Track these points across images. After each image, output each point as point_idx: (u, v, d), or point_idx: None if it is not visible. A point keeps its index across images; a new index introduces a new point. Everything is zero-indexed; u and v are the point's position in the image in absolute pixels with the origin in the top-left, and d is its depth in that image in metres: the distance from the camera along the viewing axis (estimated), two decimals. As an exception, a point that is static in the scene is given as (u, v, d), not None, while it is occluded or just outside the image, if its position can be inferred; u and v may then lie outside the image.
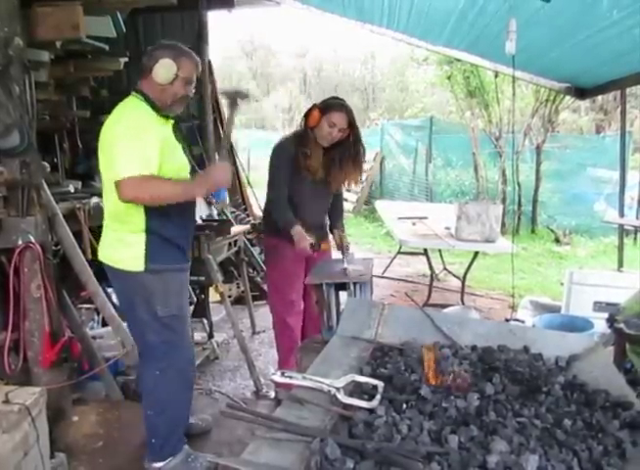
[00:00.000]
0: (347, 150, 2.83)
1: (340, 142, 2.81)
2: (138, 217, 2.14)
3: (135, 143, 2.04)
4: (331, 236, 3.08)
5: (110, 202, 2.18)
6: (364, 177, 10.96)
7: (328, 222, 3.10)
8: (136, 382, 2.88)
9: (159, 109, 2.19)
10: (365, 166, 11.15)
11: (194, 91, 2.29)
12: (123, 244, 2.18)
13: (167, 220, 2.18)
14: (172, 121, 2.28)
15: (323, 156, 2.82)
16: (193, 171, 2.42)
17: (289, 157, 2.79)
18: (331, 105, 2.77)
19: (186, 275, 2.40)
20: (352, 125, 2.79)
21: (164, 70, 2.14)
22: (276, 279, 2.99)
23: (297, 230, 2.71)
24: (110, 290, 3.20)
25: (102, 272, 2.36)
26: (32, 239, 2.50)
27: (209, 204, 2.18)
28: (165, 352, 2.26)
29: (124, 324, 2.76)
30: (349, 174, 2.91)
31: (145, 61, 2.18)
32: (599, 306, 3.73)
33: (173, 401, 2.32)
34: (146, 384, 2.31)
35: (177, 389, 2.33)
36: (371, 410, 1.35)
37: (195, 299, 3.98)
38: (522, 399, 1.44)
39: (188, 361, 2.42)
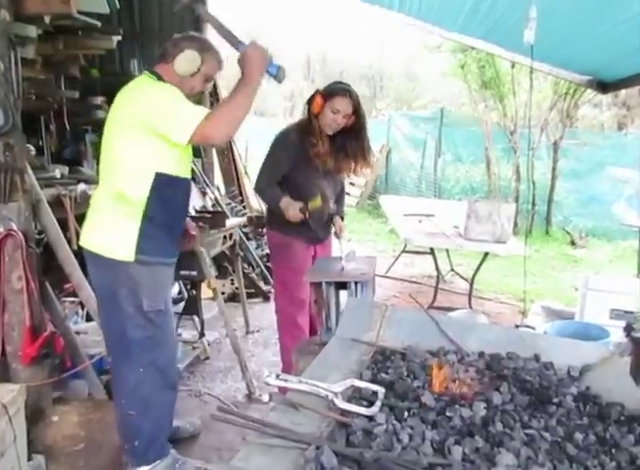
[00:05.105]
0: (354, 137, 2.86)
1: (346, 129, 2.83)
2: (141, 199, 2.14)
3: (183, 98, 2.09)
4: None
5: (114, 180, 2.16)
6: (368, 171, 10.96)
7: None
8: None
9: None
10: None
11: (210, 89, 2.31)
12: (114, 229, 2.17)
13: (165, 205, 2.20)
14: None
15: (330, 144, 2.84)
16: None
17: (290, 149, 2.80)
18: (334, 90, 2.78)
19: (172, 270, 2.41)
20: (358, 111, 2.81)
21: (188, 61, 2.17)
22: (284, 277, 2.99)
23: (285, 201, 2.75)
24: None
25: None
26: (14, 226, 2.50)
27: (272, 77, 2.03)
28: (149, 349, 2.26)
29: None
30: (359, 161, 2.94)
31: (169, 47, 2.22)
32: (615, 314, 3.73)
33: (157, 400, 2.33)
34: (127, 382, 2.29)
35: (160, 388, 2.33)
36: (370, 417, 1.35)
37: (186, 295, 3.98)
38: (531, 410, 1.44)
39: (171, 360, 2.43)
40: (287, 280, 2.97)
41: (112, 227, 2.18)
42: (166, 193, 2.18)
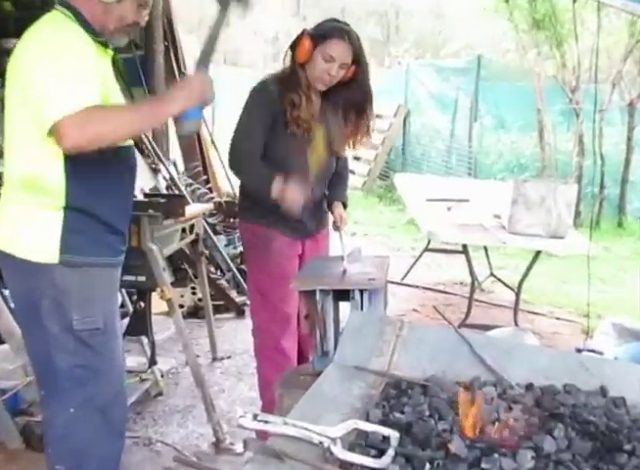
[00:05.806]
0: (352, 95, 2.90)
1: (341, 84, 2.85)
2: (57, 185, 2.12)
3: (68, 71, 2.03)
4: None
5: (17, 161, 2.16)
6: (380, 140, 10.96)
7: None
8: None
9: (96, 33, 2.18)
10: (382, 125, 11.16)
11: (147, 19, 2.30)
12: (31, 223, 2.16)
13: (96, 191, 2.18)
14: (112, 53, 2.29)
15: (320, 104, 2.87)
16: None
17: (270, 102, 2.82)
18: (328, 31, 2.79)
19: (118, 273, 2.41)
20: (359, 60, 2.83)
21: None
22: (263, 284, 2.99)
23: (279, 187, 2.70)
24: (7, 292, 3.20)
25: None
26: None
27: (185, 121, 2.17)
28: (82, 382, 2.24)
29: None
30: (358, 130, 2.97)
31: None
32: None
33: (95, 452, 2.32)
34: (54, 426, 2.29)
35: (100, 435, 2.32)
36: (380, 471, 1.36)
37: (131, 309, 3.98)
38: (594, 461, 1.45)
39: (115, 396, 2.41)
40: (266, 288, 2.98)
41: (25, 219, 2.17)
42: (92, 172, 2.14)
